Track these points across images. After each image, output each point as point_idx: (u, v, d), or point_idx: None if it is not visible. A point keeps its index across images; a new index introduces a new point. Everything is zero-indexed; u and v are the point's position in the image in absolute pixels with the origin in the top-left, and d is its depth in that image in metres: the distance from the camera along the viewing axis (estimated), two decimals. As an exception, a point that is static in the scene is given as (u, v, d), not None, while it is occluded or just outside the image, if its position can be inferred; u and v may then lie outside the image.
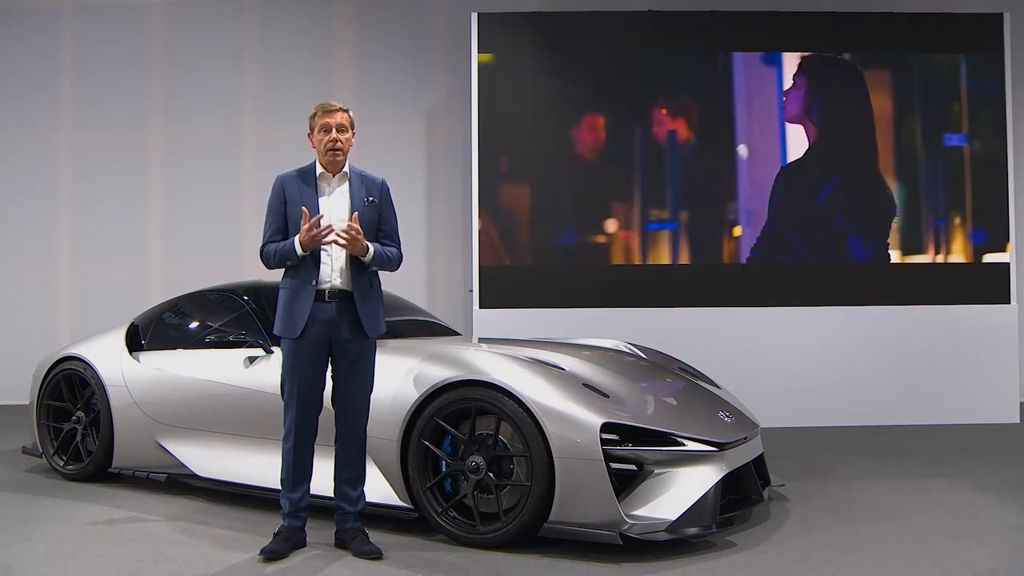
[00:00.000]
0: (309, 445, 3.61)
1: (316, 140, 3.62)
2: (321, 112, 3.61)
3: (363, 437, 3.65)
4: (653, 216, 7.25)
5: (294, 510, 3.60)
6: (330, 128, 3.58)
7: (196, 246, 8.40)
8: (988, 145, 7.27)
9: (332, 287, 3.56)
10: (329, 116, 3.60)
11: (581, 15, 7.46)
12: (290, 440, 3.58)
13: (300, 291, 3.55)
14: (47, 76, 8.57)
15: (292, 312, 3.54)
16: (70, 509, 4.34)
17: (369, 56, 8.51)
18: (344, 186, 3.65)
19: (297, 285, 3.56)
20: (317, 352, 3.56)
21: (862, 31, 7.33)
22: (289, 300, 3.57)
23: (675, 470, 3.56)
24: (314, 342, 3.54)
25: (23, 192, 8.58)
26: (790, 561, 3.45)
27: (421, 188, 8.43)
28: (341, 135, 3.60)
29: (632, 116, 7.29)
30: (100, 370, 4.92)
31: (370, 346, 3.64)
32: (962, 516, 4.12)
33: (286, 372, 3.59)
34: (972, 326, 7.15)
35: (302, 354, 3.54)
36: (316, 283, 3.55)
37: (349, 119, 3.65)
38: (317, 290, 3.54)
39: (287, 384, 3.59)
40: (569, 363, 4.00)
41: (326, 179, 3.65)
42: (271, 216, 3.64)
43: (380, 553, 3.51)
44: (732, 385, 5.01)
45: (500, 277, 7.21)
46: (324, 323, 3.54)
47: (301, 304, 3.53)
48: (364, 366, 3.62)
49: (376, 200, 3.67)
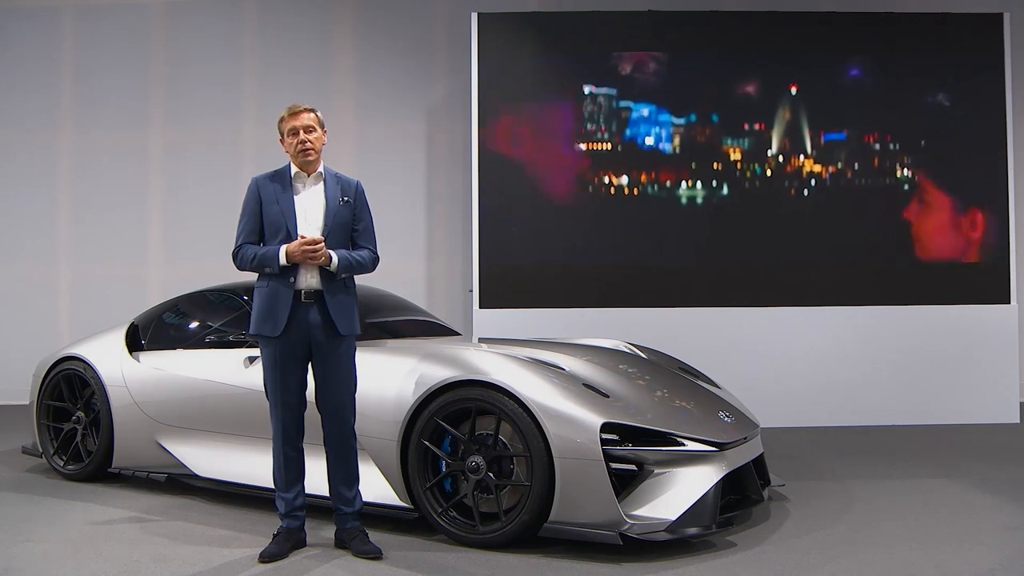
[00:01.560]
0: (297, 445, 3.62)
1: (287, 144, 3.64)
2: (288, 116, 3.63)
3: (352, 436, 3.64)
4: (654, 216, 7.23)
5: (290, 510, 3.61)
6: (298, 131, 3.60)
7: (196, 246, 8.40)
8: (988, 145, 7.26)
9: (308, 287, 3.56)
10: (295, 119, 3.61)
11: (581, 15, 7.46)
12: (278, 440, 3.60)
13: (278, 291, 3.55)
14: (47, 76, 8.57)
15: (271, 311, 3.54)
16: (70, 509, 4.34)
17: (369, 56, 8.51)
18: (319, 186, 3.65)
19: (275, 284, 3.56)
20: (296, 351, 3.56)
21: (862, 31, 7.32)
22: (266, 300, 3.57)
23: (675, 470, 3.55)
24: (292, 341, 3.55)
25: (23, 192, 8.58)
26: (790, 561, 3.45)
27: (421, 188, 8.43)
28: (310, 135, 3.61)
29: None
30: (100, 370, 4.92)
31: (347, 345, 3.63)
32: (962, 516, 4.12)
33: (267, 372, 3.60)
34: (972, 326, 7.15)
35: (280, 353, 3.55)
36: (295, 282, 3.55)
37: (317, 119, 3.66)
38: (295, 289, 3.55)
39: (269, 384, 3.61)
40: (569, 363, 4.01)
41: (301, 179, 3.66)
42: (246, 217, 3.65)
43: (380, 553, 3.51)
44: (732, 385, 5.01)
45: (500, 277, 7.21)
46: (300, 322, 3.54)
47: (279, 304, 3.53)
48: (344, 366, 3.62)
49: (351, 200, 3.68)
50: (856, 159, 7.27)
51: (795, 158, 7.27)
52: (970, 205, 7.27)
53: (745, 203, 7.25)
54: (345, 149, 8.14)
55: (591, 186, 7.26)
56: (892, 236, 7.25)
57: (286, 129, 3.63)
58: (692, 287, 7.23)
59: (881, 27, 7.33)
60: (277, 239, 3.57)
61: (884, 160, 7.27)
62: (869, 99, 7.28)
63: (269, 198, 3.60)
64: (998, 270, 7.21)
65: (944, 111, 7.29)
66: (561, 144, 7.31)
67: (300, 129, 3.60)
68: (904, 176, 7.27)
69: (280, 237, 3.57)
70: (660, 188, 7.25)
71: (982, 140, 7.27)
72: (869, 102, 7.28)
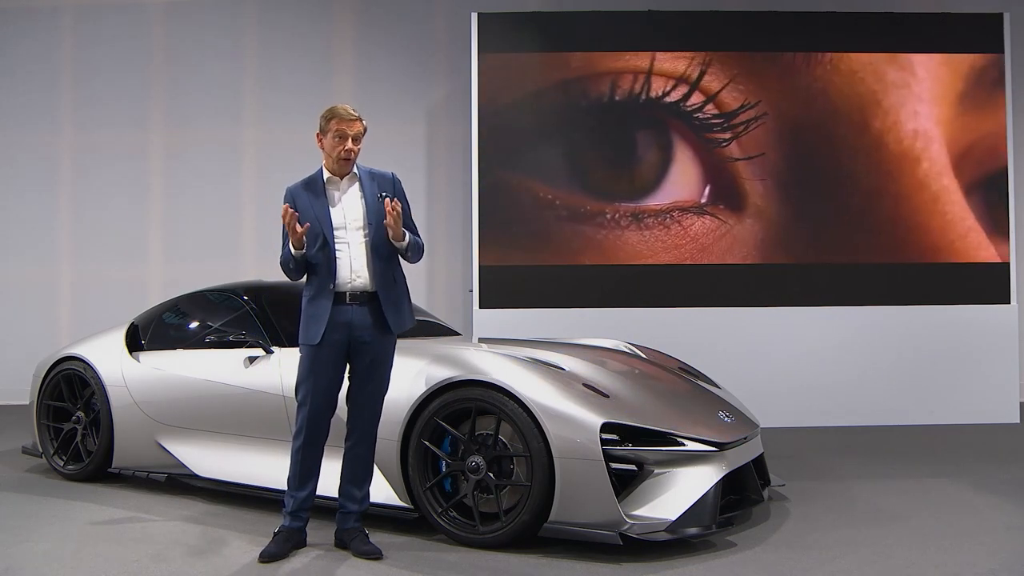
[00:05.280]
0: (320, 444, 3.60)
1: (329, 144, 3.59)
2: (340, 119, 3.56)
3: (374, 437, 3.65)
4: (654, 216, 7.23)
5: (298, 509, 3.60)
6: (347, 137, 3.56)
7: (196, 246, 8.40)
8: (988, 145, 7.26)
9: (352, 288, 3.55)
10: (348, 125, 3.56)
11: (581, 15, 7.46)
12: (300, 438, 3.56)
13: (318, 296, 3.54)
14: (47, 76, 8.57)
15: (312, 319, 3.53)
16: (70, 509, 4.34)
17: (369, 56, 8.51)
18: (355, 187, 3.64)
19: (315, 291, 3.56)
20: (336, 356, 3.54)
21: (862, 31, 7.32)
22: (309, 307, 3.56)
23: (675, 470, 3.55)
24: (334, 346, 3.52)
25: (23, 192, 8.58)
26: (790, 561, 3.45)
27: (421, 188, 8.43)
28: (356, 145, 3.60)
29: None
30: (100, 370, 4.92)
31: (391, 345, 3.64)
32: (962, 516, 4.12)
33: (303, 375, 3.56)
34: (972, 326, 7.15)
35: (321, 359, 3.53)
36: (334, 287, 3.53)
37: (364, 130, 3.64)
38: (336, 293, 3.53)
39: (303, 386, 3.56)
40: (569, 363, 4.00)
41: (335, 184, 3.63)
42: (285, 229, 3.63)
43: (380, 553, 3.51)
44: (732, 385, 5.01)
45: (500, 277, 7.21)
46: (344, 326, 3.52)
47: (320, 310, 3.52)
48: (383, 366, 3.62)
49: (389, 194, 3.65)
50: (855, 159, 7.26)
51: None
52: (970, 205, 7.26)
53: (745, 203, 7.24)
54: (345, 149, 8.13)
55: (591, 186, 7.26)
56: (892, 236, 7.24)
57: (334, 130, 3.56)
58: (693, 287, 7.22)
59: (881, 27, 7.33)
60: (315, 247, 3.54)
61: (883, 160, 7.27)
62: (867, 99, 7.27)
63: (304, 207, 3.57)
64: (998, 270, 7.21)
65: (943, 111, 7.28)
66: (561, 144, 7.31)
67: (350, 137, 3.57)
68: (903, 176, 7.26)
69: (318, 244, 3.54)
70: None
71: (982, 140, 7.26)
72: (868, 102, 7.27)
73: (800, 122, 7.28)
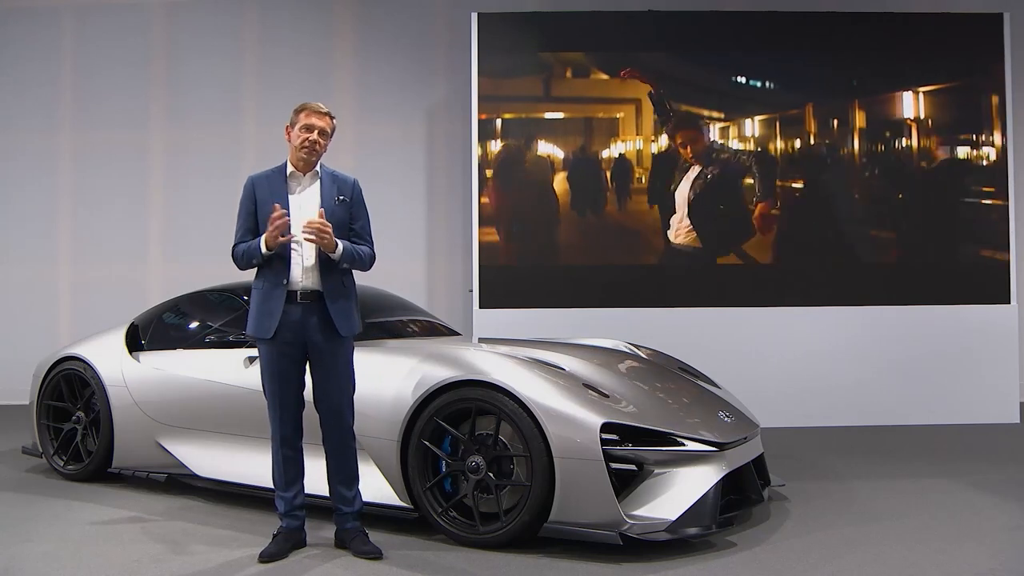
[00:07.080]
0: (296, 444, 3.62)
1: (294, 135, 3.61)
2: (309, 111, 3.60)
3: (351, 437, 3.64)
4: (654, 216, 7.23)
5: (290, 509, 3.61)
6: (313, 129, 3.58)
7: (196, 246, 8.39)
8: (988, 145, 7.26)
9: (303, 287, 3.55)
10: (316, 117, 3.60)
11: (581, 15, 7.46)
12: (276, 440, 3.60)
13: (272, 292, 3.55)
14: (47, 76, 8.57)
15: (264, 313, 3.54)
16: (70, 509, 4.34)
17: (369, 56, 8.51)
18: (315, 185, 3.64)
19: (268, 286, 3.56)
20: (292, 352, 3.55)
21: (861, 31, 7.32)
22: (261, 301, 3.56)
23: (675, 470, 3.56)
24: (288, 342, 3.54)
25: (23, 192, 8.58)
26: (790, 561, 3.45)
27: (421, 188, 8.43)
28: (321, 139, 3.61)
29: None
30: (100, 370, 4.92)
31: (345, 346, 3.62)
32: (962, 516, 4.12)
33: (264, 373, 3.59)
34: (972, 326, 7.15)
35: (277, 355, 3.55)
36: (287, 283, 3.53)
37: (332, 126, 3.66)
38: (288, 291, 3.53)
39: (266, 384, 3.60)
40: (569, 363, 4.01)
41: (296, 178, 3.65)
42: (242, 217, 3.65)
43: (380, 553, 3.51)
44: (732, 385, 5.00)
45: (500, 277, 7.21)
46: (296, 323, 3.53)
47: (273, 305, 3.53)
48: (341, 366, 3.61)
49: (347, 198, 3.65)
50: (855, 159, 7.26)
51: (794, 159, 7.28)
52: (970, 205, 7.26)
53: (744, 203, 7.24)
54: (345, 149, 8.13)
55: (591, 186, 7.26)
56: (892, 236, 7.25)
57: (301, 121, 3.59)
58: (693, 287, 7.22)
59: (881, 27, 7.33)
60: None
61: (883, 160, 7.27)
62: (867, 99, 7.27)
63: (264, 197, 3.59)
64: (998, 270, 7.21)
65: (944, 111, 7.28)
66: (561, 144, 7.31)
67: (316, 129, 3.59)
68: (903, 176, 7.27)
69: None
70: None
71: (982, 140, 7.26)
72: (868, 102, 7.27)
73: (800, 122, 7.28)
